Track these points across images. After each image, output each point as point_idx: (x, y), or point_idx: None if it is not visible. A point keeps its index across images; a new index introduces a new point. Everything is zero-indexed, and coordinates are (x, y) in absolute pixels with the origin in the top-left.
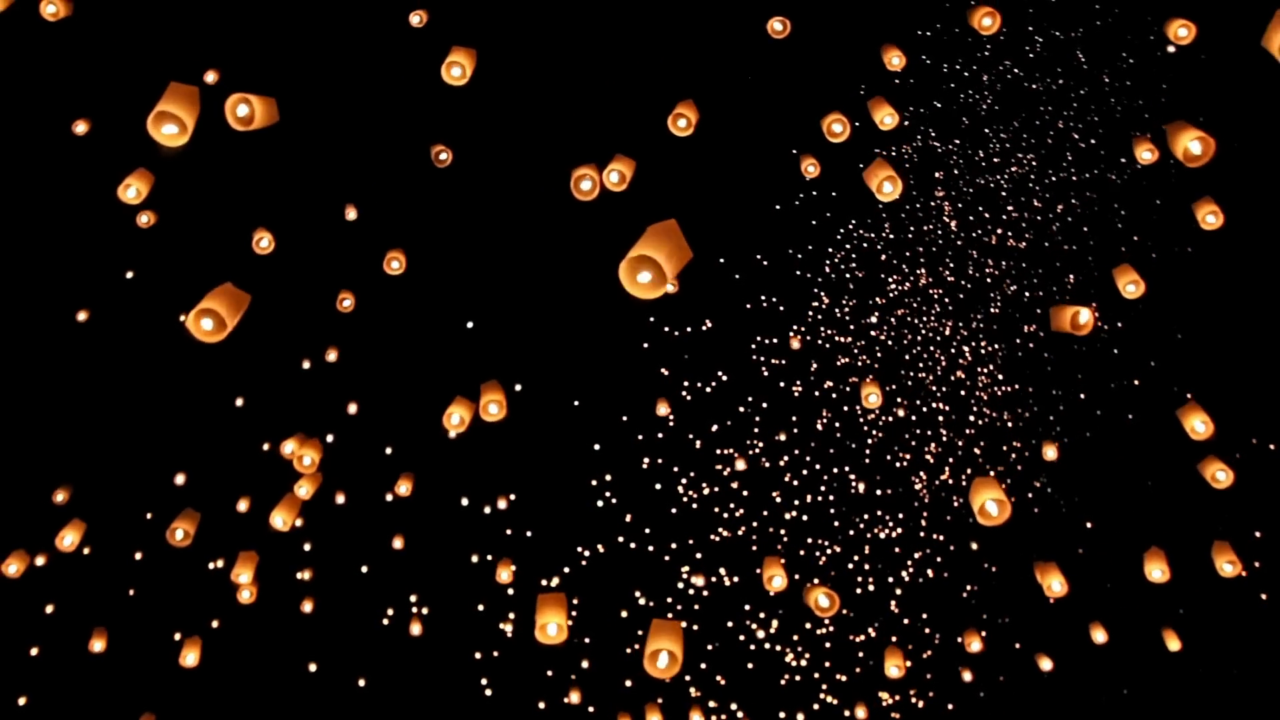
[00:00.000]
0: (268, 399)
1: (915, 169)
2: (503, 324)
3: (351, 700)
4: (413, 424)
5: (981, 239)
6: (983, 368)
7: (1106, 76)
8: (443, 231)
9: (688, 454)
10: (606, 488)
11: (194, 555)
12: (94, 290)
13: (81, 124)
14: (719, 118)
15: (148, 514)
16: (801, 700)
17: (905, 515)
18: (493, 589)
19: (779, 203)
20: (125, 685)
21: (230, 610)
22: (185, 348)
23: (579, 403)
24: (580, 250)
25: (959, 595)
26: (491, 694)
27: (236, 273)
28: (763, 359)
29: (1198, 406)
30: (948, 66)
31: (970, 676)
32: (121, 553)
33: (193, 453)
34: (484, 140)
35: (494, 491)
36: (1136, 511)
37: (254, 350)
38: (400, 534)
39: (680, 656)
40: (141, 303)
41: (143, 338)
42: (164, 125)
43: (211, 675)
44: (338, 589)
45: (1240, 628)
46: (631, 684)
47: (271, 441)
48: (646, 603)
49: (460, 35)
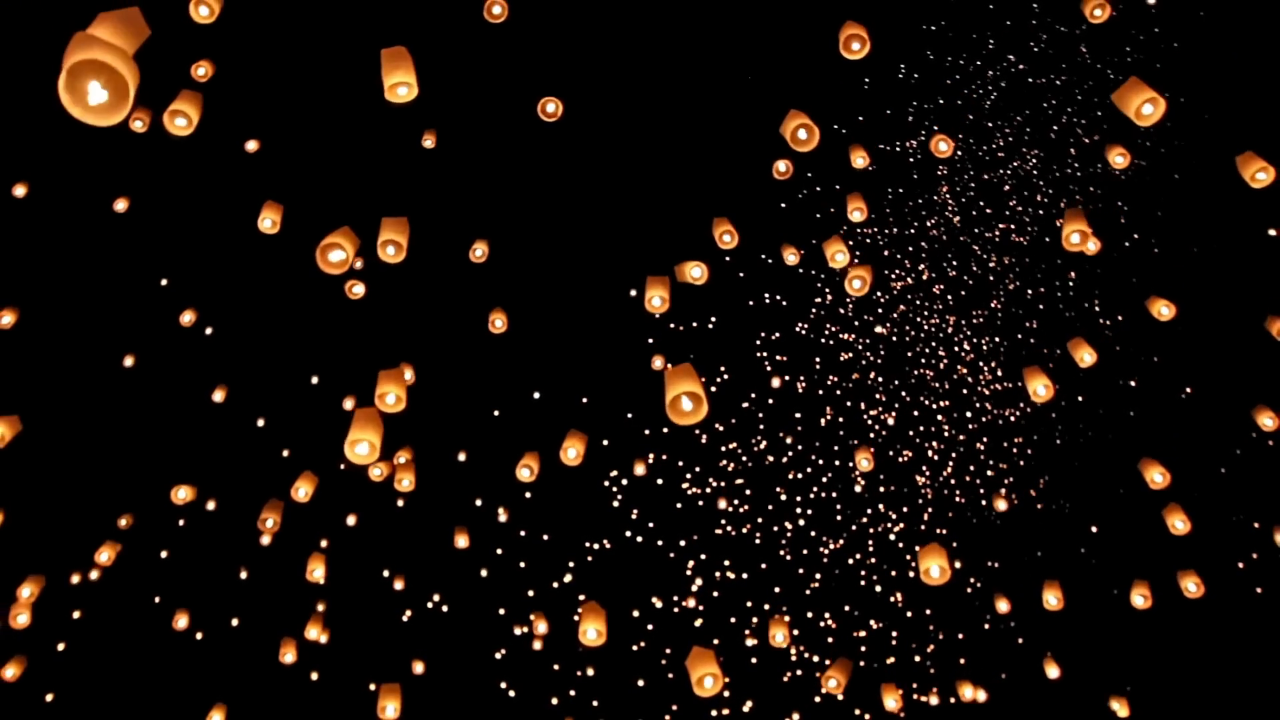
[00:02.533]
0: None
1: (918, 165)
2: (512, 323)
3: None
4: (411, 423)
5: (984, 234)
6: (985, 364)
7: (1110, 72)
8: (443, 231)
9: (693, 449)
10: (613, 484)
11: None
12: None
13: None
14: (719, 117)
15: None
16: (804, 696)
17: (908, 511)
18: (500, 586)
19: (784, 200)
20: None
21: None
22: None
23: (586, 400)
24: (583, 249)
25: (963, 591)
26: (514, 695)
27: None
28: (766, 355)
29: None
30: (950, 61)
31: (972, 672)
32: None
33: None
34: (483, 140)
35: (501, 488)
36: (1135, 510)
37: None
38: (413, 534)
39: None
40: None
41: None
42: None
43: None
44: (354, 591)
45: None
46: (635, 679)
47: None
48: (653, 599)
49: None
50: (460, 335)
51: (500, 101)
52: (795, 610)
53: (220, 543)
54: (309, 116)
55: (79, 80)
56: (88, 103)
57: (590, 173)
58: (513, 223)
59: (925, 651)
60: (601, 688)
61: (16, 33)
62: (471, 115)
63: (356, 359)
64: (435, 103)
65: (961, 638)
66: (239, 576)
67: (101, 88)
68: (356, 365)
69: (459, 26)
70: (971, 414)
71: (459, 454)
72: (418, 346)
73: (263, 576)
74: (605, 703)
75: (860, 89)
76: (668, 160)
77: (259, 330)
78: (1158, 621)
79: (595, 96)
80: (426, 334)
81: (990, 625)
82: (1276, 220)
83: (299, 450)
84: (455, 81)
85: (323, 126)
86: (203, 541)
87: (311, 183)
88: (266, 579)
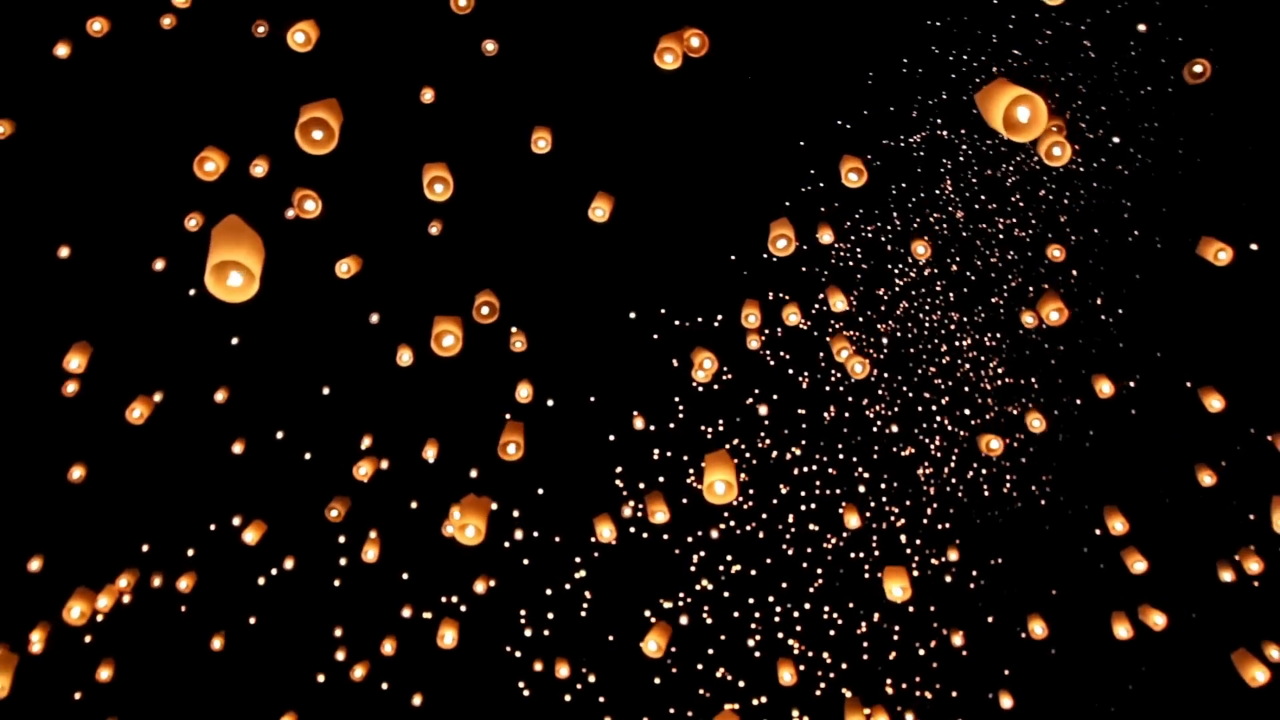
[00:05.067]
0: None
1: (922, 160)
2: (517, 320)
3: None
4: (415, 423)
5: (987, 230)
6: (987, 360)
7: (1114, 67)
8: (449, 230)
9: (698, 445)
10: (619, 479)
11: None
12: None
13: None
14: (720, 117)
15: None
16: (806, 691)
17: (911, 506)
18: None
19: (787, 199)
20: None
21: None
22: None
23: (594, 398)
24: (585, 249)
25: (966, 587)
26: (527, 692)
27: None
28: (769, 352)
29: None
30: (954, 56)
31: (974, 669)
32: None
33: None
34: (484, 139)
35: (509, 484)
36: (1135, 508)
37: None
38: (421, 532)
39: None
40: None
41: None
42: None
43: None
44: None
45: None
46: (641, 676)
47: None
48: (657, 596)
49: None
50: (465, 334)
51: (506, 99)
52: (797, 607)
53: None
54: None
55: (223, 271)
56: (227, 285)
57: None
58: (520, 220)
59: (929, 647)
60: (602, 687)
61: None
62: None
63: (359, 360)
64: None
65: (962, 633)
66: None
67: (238, 275)
68: (364, 372)
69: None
70: (973, 410)
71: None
72: (417, 346)
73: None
74: (607, 702)
75: (864, 84)
76: (667, 159)
77: (268, 341)
78: (1156, 624)
79: (593, 96)
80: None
81: (994, 621)
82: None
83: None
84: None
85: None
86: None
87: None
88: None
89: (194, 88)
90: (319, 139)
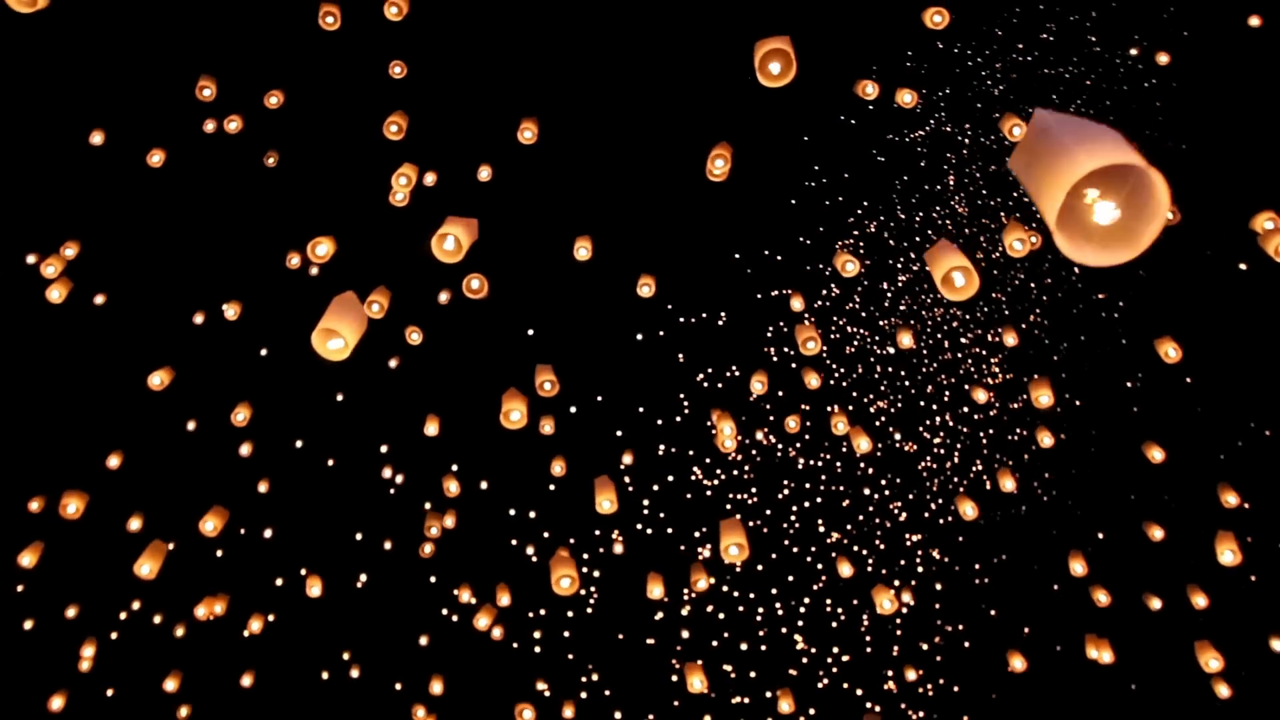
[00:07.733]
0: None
1: (925, 155)
2: (519, 318)
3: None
4: (414, 423)
5: (990, 226)
6: (989, 356)
7: (1119, 62)
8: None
9: (703, 442)
10: (626, 473)
11: None
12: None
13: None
14: (719, 117)
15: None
16: (809, 684)
17: (913, 501)
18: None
19: (792, 197)
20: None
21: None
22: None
23: (601, 397)
24: (591, 247)
25: (971, 582)
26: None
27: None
28: (773, 349)
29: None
30: (959, 50)
31: (976, 663)
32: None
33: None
34: (486, 137)
35: (515, 480)
36: (1134, 505)
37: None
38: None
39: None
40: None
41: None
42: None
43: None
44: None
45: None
46: (643, 672)
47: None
48: (661, 595)
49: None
50: (467, 335)
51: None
52: (799, 604)
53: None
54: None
55: (329, 334)
56: (328, 346)
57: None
58: (523, 218)
59: (932, 642)
60: (603, 686)
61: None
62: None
63: (360, 360)
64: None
65: (964, 629)
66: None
67: (339, 342)
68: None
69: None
70: (974, 408)
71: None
72: (420, 346)
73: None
74: (610, 700)
75: (868, 78)
76: (667, 159)
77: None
78: (1158, 622)
79: (597, 92)
80: (428, 333)
81: (997, 616)
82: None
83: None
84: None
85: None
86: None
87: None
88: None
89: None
90: (449, 249)
